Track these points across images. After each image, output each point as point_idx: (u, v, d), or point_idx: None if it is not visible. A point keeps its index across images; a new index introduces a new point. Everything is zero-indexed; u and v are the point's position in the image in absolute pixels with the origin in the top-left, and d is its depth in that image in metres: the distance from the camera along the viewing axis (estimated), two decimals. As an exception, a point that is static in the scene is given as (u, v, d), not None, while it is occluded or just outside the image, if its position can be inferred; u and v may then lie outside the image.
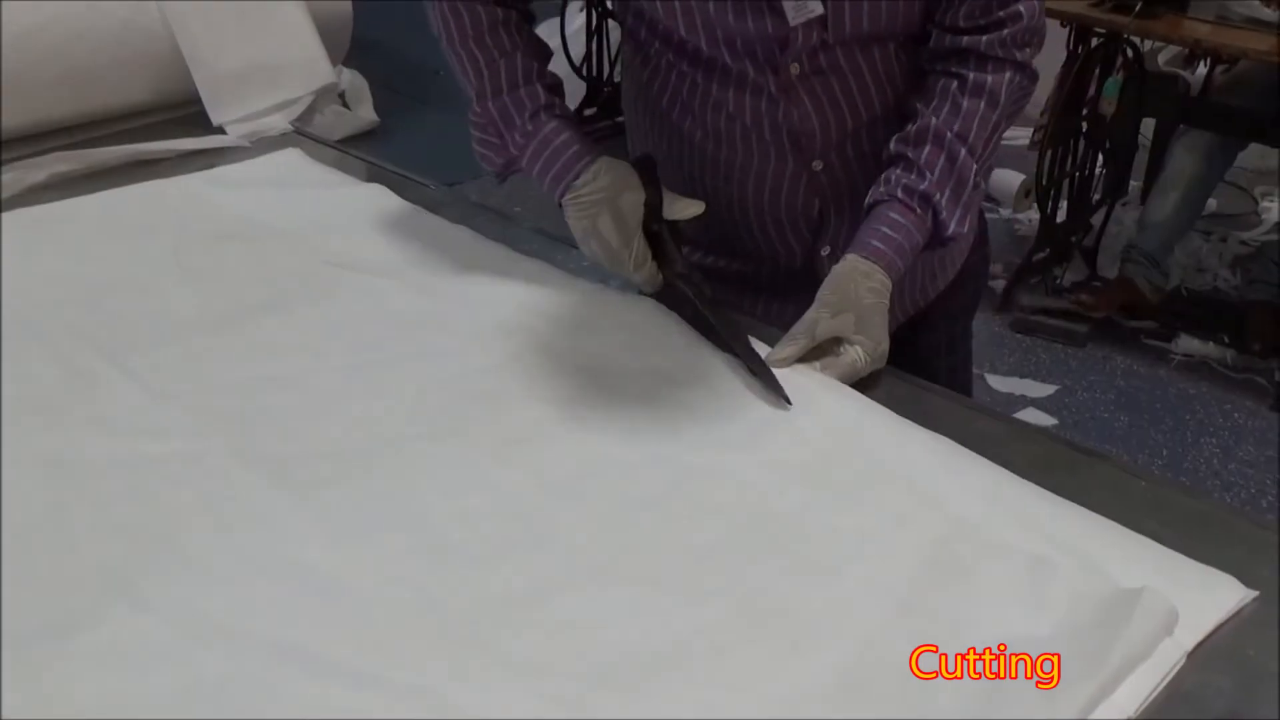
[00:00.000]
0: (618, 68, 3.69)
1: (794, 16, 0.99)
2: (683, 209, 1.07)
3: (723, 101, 1.08)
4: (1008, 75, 1.04)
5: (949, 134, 1.04)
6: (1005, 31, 1.03)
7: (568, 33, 3.63)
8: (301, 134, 1.54)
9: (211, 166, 1.42)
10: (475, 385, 0.98)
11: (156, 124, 1.52)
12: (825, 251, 1.14)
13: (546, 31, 3.88)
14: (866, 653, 0.72)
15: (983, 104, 1.04)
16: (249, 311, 1.09)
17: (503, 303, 1.10)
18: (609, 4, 3.59)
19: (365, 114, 3.70)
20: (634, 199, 1.05)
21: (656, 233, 1.07)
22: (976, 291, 1.32)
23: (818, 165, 1.09)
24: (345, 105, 3.68)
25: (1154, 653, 0.71)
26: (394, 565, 0.79)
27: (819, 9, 0.99)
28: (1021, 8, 1.03)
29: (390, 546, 0.80)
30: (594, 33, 3.62)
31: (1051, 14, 2.88)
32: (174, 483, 0.86)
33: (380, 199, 1.33)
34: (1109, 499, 0.85)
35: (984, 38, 1.03)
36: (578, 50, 3.64)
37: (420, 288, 1.13)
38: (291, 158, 1.45)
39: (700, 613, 0.75)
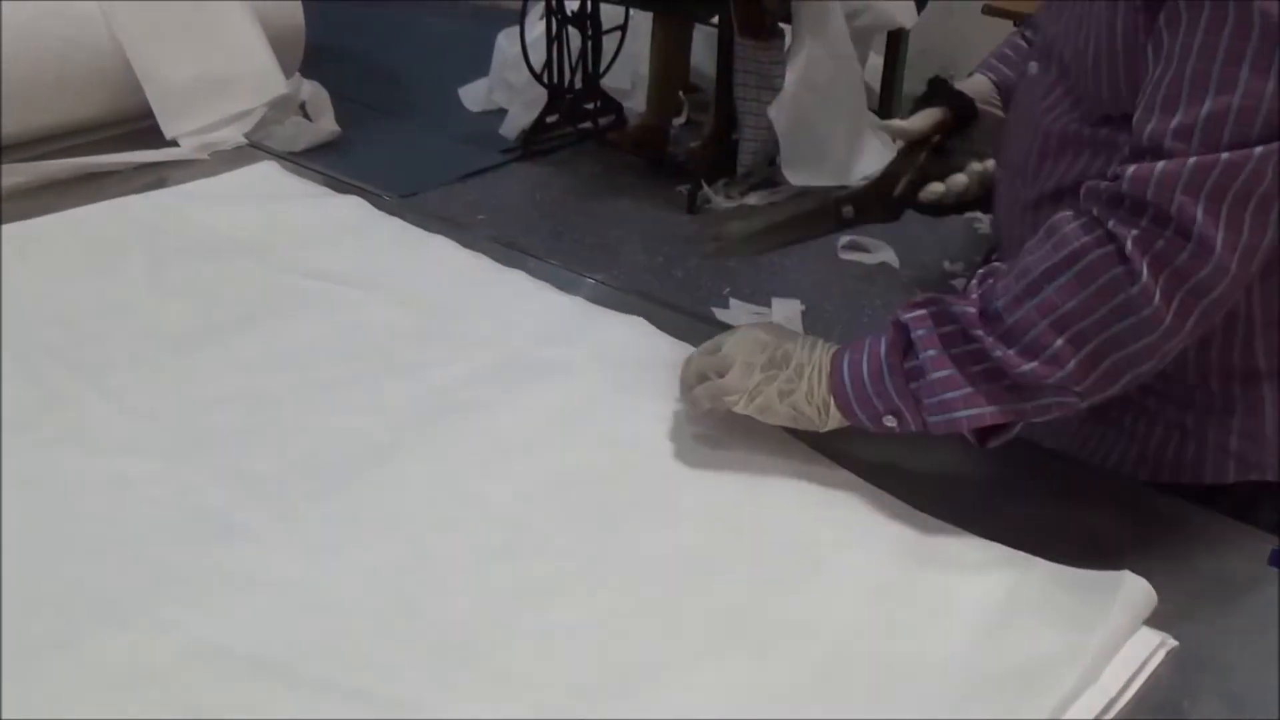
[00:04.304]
0: (578, 75, 3.69)
1: None
2: None
3: None
4: (1085, 230, 0.77)
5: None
6: (1101, 184, 0.78)
7: (528, 40, 3.63)
8: (256, 146, 1.53)
9: (164, 179, 1.42)
10: (456, 397, 0.98)
11: (109, 139, 1.51)
12: None
13: (507, 40, 3.88)
14: (844, 649, 0.73)
15: (1046, 245, 0.78)
16: (226, 327, 1.08)
17: (482, 314, 1.10)
18: (569, 11, 3.59)
19: (327, 125, 3.68)
20: None
21: None
22: None
23: None
24: (307, 117, 3.67)
25: (1133, 638, 0.73)
26: (376, 578, 0.79)
27: None
28: (1128, 170, 0.76)
29: (372, 560, 0.81)
30: (554, 40, 3.61)
31: (1004, 14, 2.93)
32: (153, 500, 0.85)
33: (358, 210, 1.33)
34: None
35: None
36: (538, 58, 3.64)
37: (400, 299, 1.13)
38: (267, 170, 1.44)
39: (682, 619, 0.75)
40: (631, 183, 3.59)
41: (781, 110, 3.26)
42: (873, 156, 3.55)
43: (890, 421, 0.82)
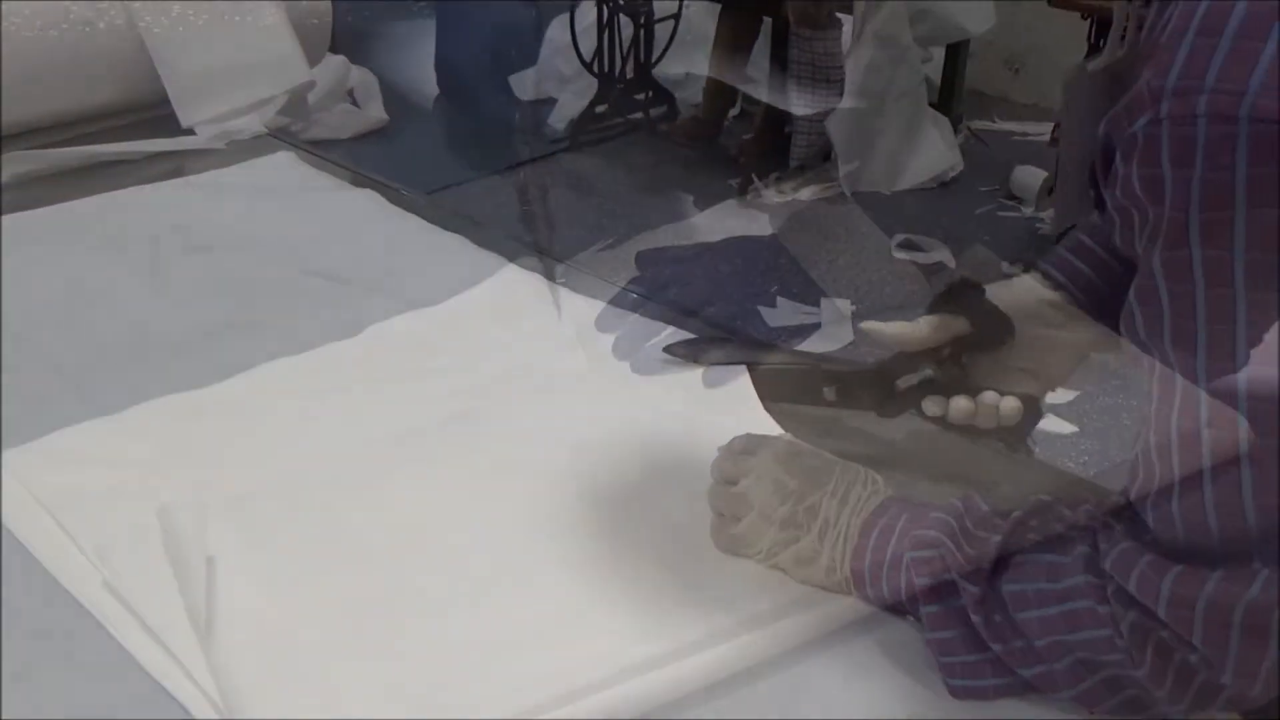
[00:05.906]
0: (629, 64, 3.63)
1: None
2: None
3: None
4: (1078, 549, 0.65)
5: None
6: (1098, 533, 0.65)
7: (578, 29, 3.58)
8: (275, 136, 1.49)
9: (179, 168, 1.39)
10: (460, 405, 0.95)
11: (124, 126, 1.48)
12: None
13: (558, 28, 3.83)
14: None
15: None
16: (221, 327, 1.06)
17: (489, 318, 1.08)
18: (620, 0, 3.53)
19: (375, 113, 3.65)
20: None
21: None
22: None
23: None
24: (355, 104, 3.64)
25: None
26: (368, 584, 0.76)
27: None
28: (1113, 550, 0.63)
29: (365, 565, 0.78)
30: (604, 28, 3.56)
31: (1072, 6, 2.81)
32: (144, 498, 0.82)
33: (372, 206, 1.30)
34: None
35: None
36: (588, 46, 3.59)
37: (407, 301, 1.10)
38: (284, 162, 1.41)
39: (691, 633, 0.71)
40: (681, 175, 3.53)
41: (839, 123, 3.18)
42: (932, 157, 3.45)
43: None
